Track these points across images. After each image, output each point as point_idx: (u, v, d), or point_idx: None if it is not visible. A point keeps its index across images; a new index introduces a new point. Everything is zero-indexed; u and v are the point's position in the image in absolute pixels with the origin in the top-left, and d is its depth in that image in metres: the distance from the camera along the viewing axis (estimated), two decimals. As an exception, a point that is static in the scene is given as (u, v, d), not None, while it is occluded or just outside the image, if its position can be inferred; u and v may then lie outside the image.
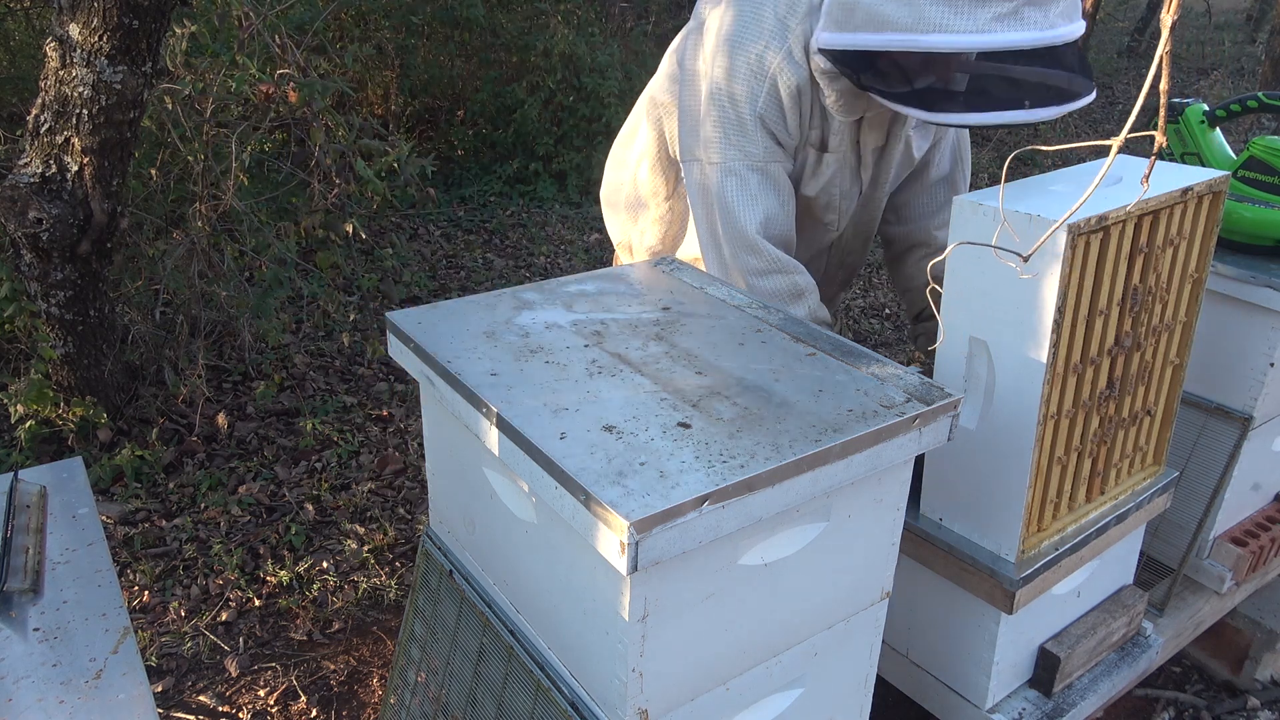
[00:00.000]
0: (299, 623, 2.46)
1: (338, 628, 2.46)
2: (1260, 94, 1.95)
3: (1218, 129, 2.03)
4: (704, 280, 1.50)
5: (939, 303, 1.39)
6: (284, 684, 2.28)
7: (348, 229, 3.39)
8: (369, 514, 2.87)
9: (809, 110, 1.71)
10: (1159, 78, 0.73)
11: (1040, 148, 0.87)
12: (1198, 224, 1.49)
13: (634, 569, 0.94)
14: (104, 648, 1.04)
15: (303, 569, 2.62)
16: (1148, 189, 0.99)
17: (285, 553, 2.68)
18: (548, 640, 1.22)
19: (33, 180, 2.60)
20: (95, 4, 2.43)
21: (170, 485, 2.89)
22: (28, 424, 2.79)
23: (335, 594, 2.55)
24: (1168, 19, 0.70)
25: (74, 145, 2.59)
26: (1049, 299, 1.28)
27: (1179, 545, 1.99)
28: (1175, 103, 2.05)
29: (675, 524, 0.94)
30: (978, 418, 1.43)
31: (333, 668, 2.34)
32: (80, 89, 2.52)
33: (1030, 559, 1.46)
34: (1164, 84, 0.74)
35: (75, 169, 2.61)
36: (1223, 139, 2.04)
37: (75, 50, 2.48)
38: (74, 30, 2.47)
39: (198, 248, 3.17)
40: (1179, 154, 2.06)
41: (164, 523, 2.75)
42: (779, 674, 1.21)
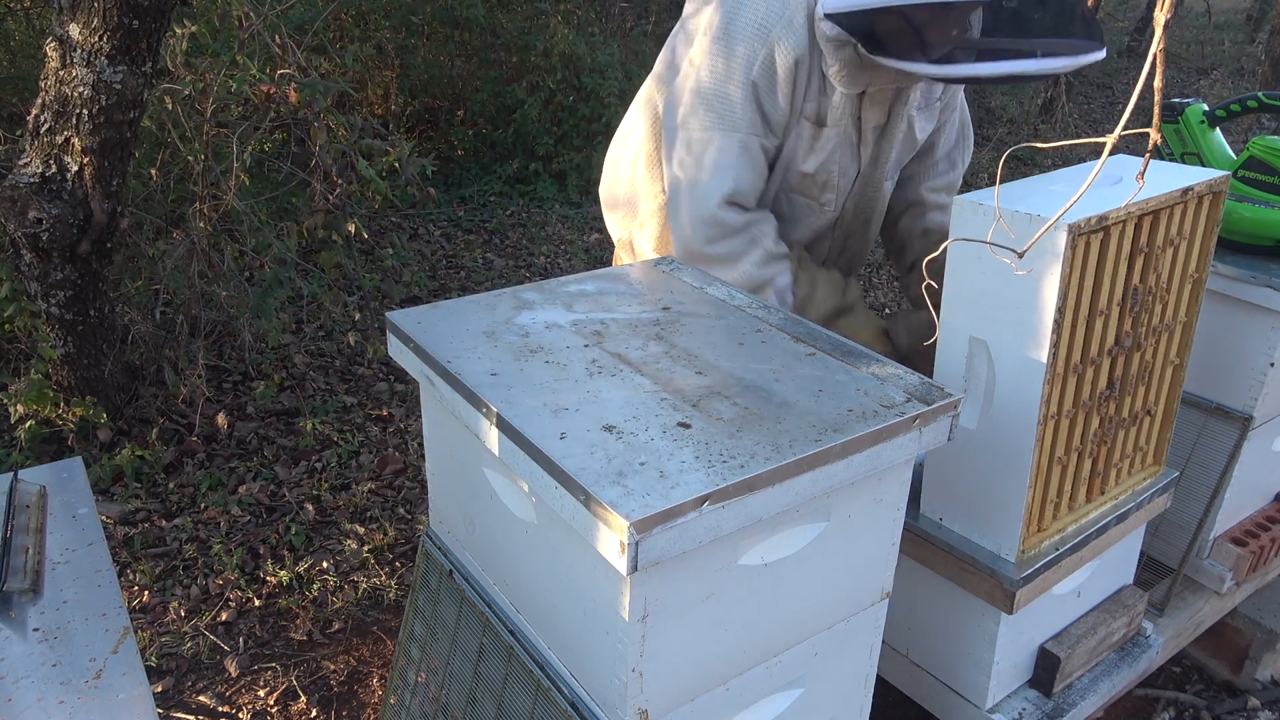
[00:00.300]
0: (299, 623, 2.46)
1: (338, 628, 2.46)
2: (1260, 94, 1.95)
3: (1218, 129, 2.03)
4: (704, 280, 1.50)
5: (935, 299, 1.39)
6: (284, 684, 2.28)
7: (350, 229, 3.39)
8: (369, 514, 2.87)
9: (805, 82, 1.70)
10: (1153, 75, 0.73)
11: (1037, 145, 0.87)
12: (1198, 224, 1.49)
13: (634, 569, 0.94)
14: (104, 648, 1.04)
15: (303, 569, 2.62)
16: (1143, 186, 1.00)
17: (285, 553, 2.68)
18: (548, 640, 1.22)
19: (33, 180, 2.60)
20: (95, 4, 2.43)
21: (170, 485, 2.89)
22: (28, 424, 2.79)
23: (335, 594, 2.55)
24: (1160, 17, 0.71)
25: (74, 145, 2.59)
26: (1049, 299, 1.28)
27: (1179, 545, 1.99)
28: (1175, 103, 2.05)
29: (675, 524, 0.94)
30: (978, 418, 1.43)
31: (333, 668, 2.34)
32: (80, 89, 2.52)
33: (1030, 559, 1.46)
34: (1158, 82, 0.74)
35: (75, 169, 2.61)
36: (1223, 139, 2.04)
37: (75, 50, 2.48)
38: (74, 30, 2.47)
39: (198, 248, 3.17)
40: (1179, 154, 2.06)
41: (164, 523, 2.75)
42: (779, 674, 1.21)
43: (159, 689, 2.24)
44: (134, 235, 3.27)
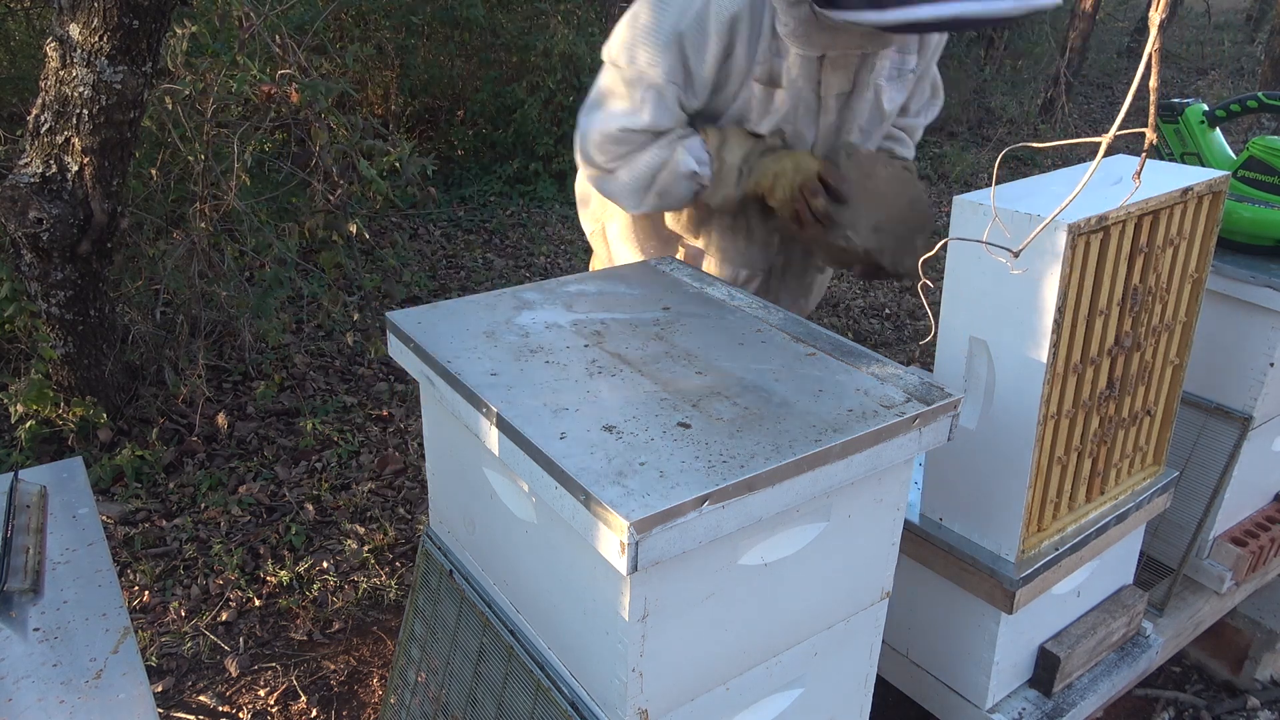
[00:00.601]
0: (299, 623, 2.46)
1: (338, 628, 2.46)
2: (1260, 94, 1.95)
3: (1217, 129, 2.04)
4: (704, 280, 1.50)
5: (930, 297, 1.39)
6: (284, 684, 2.28)
7: (351, 229, 3.39)
8: (369, 514, 2.87)
9: (749, 42, 1.67)
10: (1149, 75, 0.73)
11: (1035, 144, 0.88)
12: (1198, 224, 1.49)
13: (634, 569, 0.94)
14: (104, 648, 1.04)
15: (303, 569, 2.62)
16: (1139, 185, 1.00)
17: (285, 553, 2.68)
18: (548, 640, 1.22)
19: (33, 180, 2.61)
20: (95, 4, 2.43)
21: (170, 485, 2.89)
22: (28, 424, 2.79)
23: (335, 594, 2.55)
24: (1155, 17, 0.71)
25: (74, 145, 2.59)
26: (1049, 299, 1.29)
27: (1179, 545, 1.99)
28: (1175, 103, 2.05)
29: (675, 524, 0.94)
30: (978, 418, 1.43)
31: (333, 668, 2.34)
32: (80, 89, 2.52)
33: (1030, 559, 1.46)
34: (1153, 81, 0.74)
35: (75, 169, 2.61)
36: (1222, 139, 2.04)
37: (75, 50, 2.48)
38: (74, 30, 2.47)
39: (198, 248, 3.17)
40: (1179, 154, 2.06)
41: (164, 523, 2.75)
42: (779, 674, 1.21)
43: (159, 689, 2.24)
44: (134, 235, 3.27)
